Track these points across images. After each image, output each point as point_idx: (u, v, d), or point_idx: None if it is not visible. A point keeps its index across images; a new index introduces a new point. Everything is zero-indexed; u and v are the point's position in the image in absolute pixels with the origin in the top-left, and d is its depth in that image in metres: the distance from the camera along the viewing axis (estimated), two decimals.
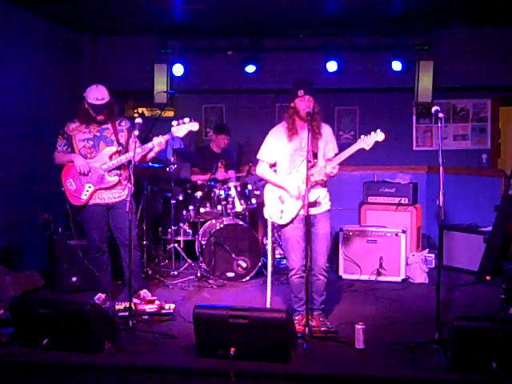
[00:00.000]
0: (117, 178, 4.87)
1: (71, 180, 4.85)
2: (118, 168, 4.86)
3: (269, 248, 4.86)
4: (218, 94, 7.92)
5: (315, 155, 4.33)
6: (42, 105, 6.45)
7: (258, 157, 4.51)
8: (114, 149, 4.84)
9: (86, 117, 4.82)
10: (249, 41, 7.41)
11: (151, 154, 4.89)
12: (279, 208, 4.43)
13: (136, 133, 4.55)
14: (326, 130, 4.45)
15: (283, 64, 7.41)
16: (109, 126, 4.88)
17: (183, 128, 4.72)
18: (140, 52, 7.51)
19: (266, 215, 4.54)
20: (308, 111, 4.20)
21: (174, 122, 4.73)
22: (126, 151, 4.85)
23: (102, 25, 7.20)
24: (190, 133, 4.82)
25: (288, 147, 4.39)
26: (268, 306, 4.61)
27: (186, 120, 4.75)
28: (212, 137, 6.89)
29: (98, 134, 4.85)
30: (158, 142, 4.72)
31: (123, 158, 4.79)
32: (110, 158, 4.82)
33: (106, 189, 4.85)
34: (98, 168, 4.81)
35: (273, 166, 4.52)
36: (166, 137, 4.75)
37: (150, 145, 4.75)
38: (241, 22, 7.03)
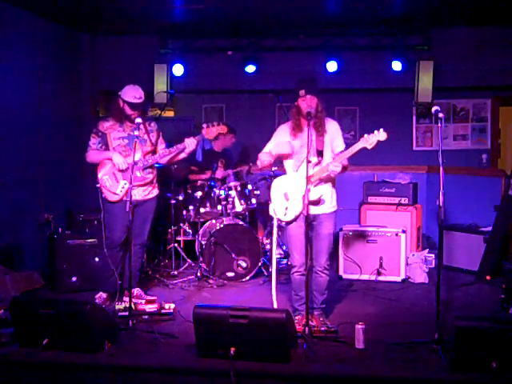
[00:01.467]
0: (151, 176, 5.01)
1: (107, 176, 4.93)
2: (150, 167, 5.00)
3: (274, 246, 4.86)
4: (218, 94, 7.92)
5: (320, 153, 4.35)
6: (42, 105, 6.45)
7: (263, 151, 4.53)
8: (148, 148, 4.99)
9: (120, 116, 4.93)
10: (249, 41, 7.41)
11: (182, 155, 5.04)
12: (284, 205, 4.45)
13: (136, 133, 4.62)
14: (332, 126, 4.47)
15: (283, 64, 7.41)
16: (141, 126, 4.95)
17: (213, 130, 4.89)
18: (140, 52, 7.51)
19: (271, 212, 4.56)
20: (308, 111, 4.23)
21: (204, 125, 4.92)
22: (155, 152, 5.04)
23: (102, 25, 7.20)
24: (219, 135, 5.10)
25: (294, 144, 4.41)
26: (275, 305, 4.60)
27: (215, 123, 4.92)
28: (219, 136, 6.85)
29: (132, 133, 4.90)
30: (189, 143, 4.86)
31: (156, 157, 4.95)
32: (145, 156, 4.94)
33: (139, 186, 4.94)
34: (133, 166, 4.85)
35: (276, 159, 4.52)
36: (198, 138, 4.90)
37: (181, 146, 4.90)
38: (241, 22, 7.03)
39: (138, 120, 4.61)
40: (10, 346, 4.02)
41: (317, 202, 4.34)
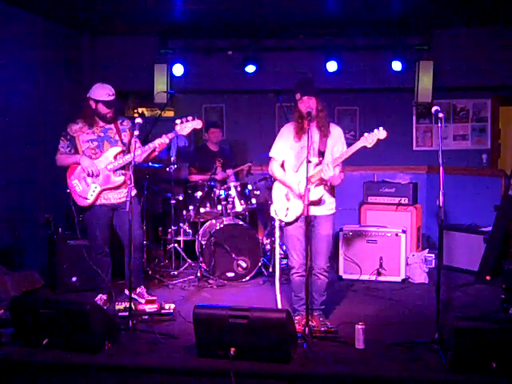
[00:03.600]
0: (122, 178, 4.89)
1: (77, 181, 4.85)
2: (123, 168, 4.89)
3: (277, 246, 4.86)
4: (218, 94, 7.92)
5: (322, 153, 4.36)
6: (42, 105, 6.45)
7: (270, 154, 4.56)
8: (118, 149, 4.89)
9: (92, 117, 4.86)
10: (249, 41, 7.40)
11: (154, 154, 4.94)
12: (285, 206, 4.45)
13: (136, 133, 4.56)
14: (336, 131, 4.48)
15: (283, 64, 7.41)
16: (112, 126, 4.92)
17: (187, 126, 4.81)
18: (140, 52, 7.50)
19: (272, 212, 4.56)
20: (308, 111, 4.23)
21: (178, 121, 4.81)
22: (129, 151, 4.88)
23: (101, 25, 7.19)
24: (194, 130, 4.91)
25: (296, 145, 4.42)
26: (279, 304, 4.61)
27: (190, 118, 4.82)
28: (205, 136, 6.87)
29: (102, 135, 4.87)
30: (159, 143, 4.79)
31: (128, 158, 4.79)
32: (115, 157, 4.85)
33: (111, 189, 4.87)
34: (104, 168, 4.82)
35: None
36: (171, 135, 4.81)
37: (151, 145, 4.81)
38: (241, 22, 7.03)
39: (138, 120, 4.53)
40: (9, 346, 4.02)
41: (317, 203, 4.34)
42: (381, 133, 4.14)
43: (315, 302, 4.48)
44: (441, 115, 3.99)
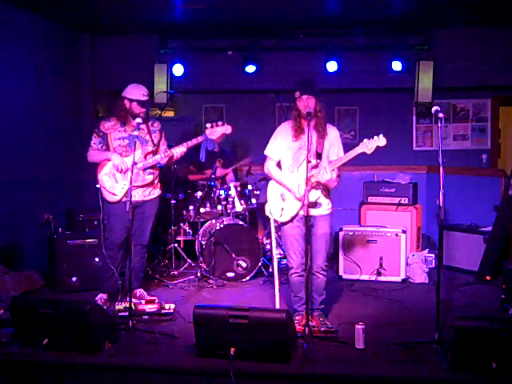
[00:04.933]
0: (151, 177, 4.99)
1: (107, 177, 4.92)
2: (151, 167, 4.99)
3: (273, 246, 4.86)
4: (218, 94, 7.92)
5: (319, 155, 4.35)
6: (42, 104, 6.45)
7: (266, 153, 4.55)
8: (149, 148, 4.98)
9: (125, 116, 4.94)
10: (249, 41, 7.41)
11: (177, 156, 5.02)
12: (280, 205, 4.44)
13: (136, 133, 4.64)
14: (333, 133, 4.47)
15: (283, 64, 7.41)
16: (143, 126, 4.96)
17: (217, 130, 4.85)
18: (140, 52, 7.51)
19: (267, 212, 4.55)
20: (308, 111, 4.23)
21: (208, 124, 4.86)
22: (157, 152, 5.02)
23: (102, 25, 7.20)
24: (224, 136, 4.98)
25: (293, 145, 4.41)
26: (277, 305, 4.61)
27: (220, 123, 4.87)
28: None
29: (134, 134, 4.90)
30: (189, 146, 4.90)
31: (157, 158, 4.93)
32: (145, 157, 4.94)
33: (139, 187, 4.93)
34: (133, 166, 4.84)
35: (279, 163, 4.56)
36: (200, 138, 4.89)
37: (181, 147, 4.90)
38: (241, 22, 7.03)
39: (138, 120, 4.61)
40: (9, 346, 4.02)
41: (313, 205, 4.32)
42: (380, 140, 4.11)
43: (315, 302, 4.48)
44: (441, 115, 3.99)
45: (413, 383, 3.62)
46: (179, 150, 4.91)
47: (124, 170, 4.87)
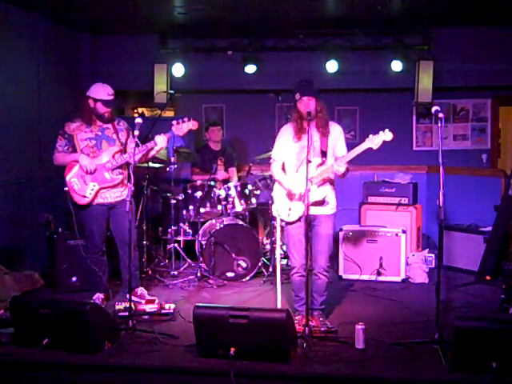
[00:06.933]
0: (120, 177, 4.92)
1: (75, 179, 4.86)
2: (120, 167, 4.91)
3: (277, 246, 4.86)
4: (218, 94, 7.91)
5: (324, 153, 4.37)
6: (42, 105, 6.44)
7: (272, 156, 4.58)
8: (116, 148, 4.90)
9: (89, 116, 4.87)
10: (249, 41, 7.41)
11: (152, 153, 4.96)
12: (287, 205, 4.45)
13: (136, 133, 4.55)
14: (336, 130, 4.48)
15: (283, 64, 7.40)
16: (109, 125, 4.93)
17: (183, 126, 4.83)
18: (140, 52, 7.51)
19: (274, 212, 4.56)
20: (308, 111, 4.23)
21: (174, 121, 4.84)
22: (125, 151, 4.93)
23: (102, 25, 7.20)
24: (190, 131, 4.95)
25: (296, 145, 4.43)
26: (279, 305, 4.61)
27: (186, 119, 4.86)
28: (206, 136, 6.88)
29: (100, 134, 4.88)
30: (159, 140, 4.80)
31: (126, 157, 4.84)
32: (113, 156, 4.87)
33: (108, 188, 4.88)
34: (102, 167, 4.83)
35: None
36: (167, 135, 4.83)
37: (151, 143, 4.83)
38: (241, 22, 7.03)
39: (138, 120, 4.53)
40: (9, 346, 4.02)
41: (321, 203, 4.35)
42: (387, 134, 4.13)
43: (315, 302, 4.48)
44: (441, 115, 3.99)
45: (413, 383, 3.62)
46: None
47: (92, 170, 4.80)
